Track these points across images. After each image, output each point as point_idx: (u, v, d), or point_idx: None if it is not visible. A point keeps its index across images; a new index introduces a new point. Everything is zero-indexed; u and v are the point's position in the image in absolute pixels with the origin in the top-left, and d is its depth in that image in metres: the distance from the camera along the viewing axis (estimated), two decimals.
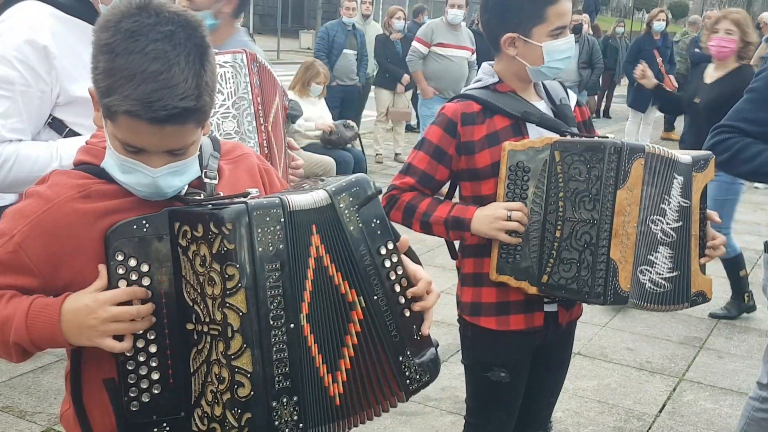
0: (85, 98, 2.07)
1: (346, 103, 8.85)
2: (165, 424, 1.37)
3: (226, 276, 1.28)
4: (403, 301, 1.48)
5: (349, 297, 1.42)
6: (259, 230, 1.29)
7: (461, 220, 2.11)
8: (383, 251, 1.45)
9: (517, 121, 2.14)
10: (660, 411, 3.83)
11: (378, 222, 1.45)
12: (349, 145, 7.27)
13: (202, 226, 1.30)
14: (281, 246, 1.31)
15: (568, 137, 2.10)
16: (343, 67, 8.84)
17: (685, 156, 2.16)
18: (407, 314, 1.48)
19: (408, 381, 1.46)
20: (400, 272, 1.48)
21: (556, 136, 2.09)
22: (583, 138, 2.11)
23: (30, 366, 3.89)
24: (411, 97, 10.22)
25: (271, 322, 1.30)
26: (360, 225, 1.43)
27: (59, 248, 1.37)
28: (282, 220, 1.31)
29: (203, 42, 1.32)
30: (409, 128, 11.08)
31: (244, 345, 1.29)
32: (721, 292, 5.55)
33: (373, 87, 9.53)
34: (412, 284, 1.49)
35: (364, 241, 1.43)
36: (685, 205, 2.14)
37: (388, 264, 1.46)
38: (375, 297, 1.44)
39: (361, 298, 1.42)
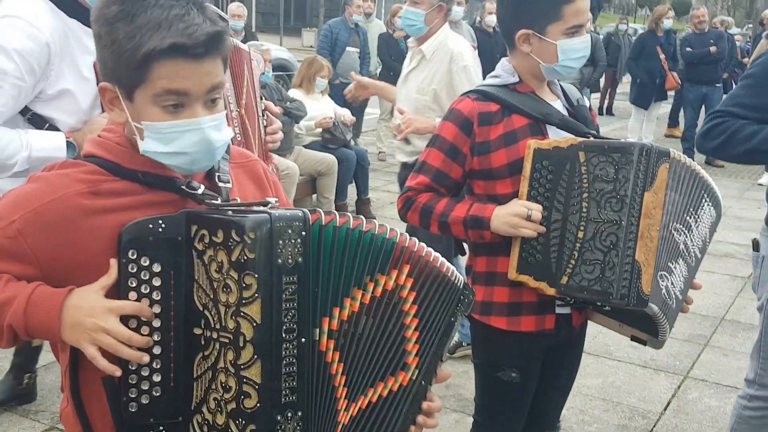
0: (67, 92, 2.10)
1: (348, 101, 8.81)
2: (162, 428, 1.35)
3: (243, 285, 1.26)
4: (424, 407, 1.53)
5: (410, 358, 1.46)
6: (280, 242, 1.27)
7: (480, 219, 2.08)
8: (443, 358, 1.55)
9: (536, 120, 2.11)
10: (665, 409, 3.82)
11: (449, 338, 1.55)
12: (352, 143, 7.23)
13: (222, 232, 1.28)
14: (300, 259, 1.29)
15: (592, 138, 2.09)
16: (346, 64, 8.81)
17: (718, 194, 2.18)
18: (418, 418, 1.52)
19: None
20: (432, 382, 1.54)
21: (577, 137, 2.08)
22: (610, 139, 2.09)
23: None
24: None
25: (284, 335, 1.28)
26: (455, 324, 1.54)
27: (61, 241, 1.34)
28: (303, 233, 1.30)
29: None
30: None
31: (255, 356, 1.26)
32: (726, 290, 5.55)
33: None
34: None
35: (447, 337, 1.53)
36: (707, 241, 2.14)
37: (437, 368, 1.53)
38: (423, 381, 1.49)
39: (417, 370, 1.47)
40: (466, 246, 2.33)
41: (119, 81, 1.35)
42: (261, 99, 2.58)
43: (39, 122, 2.14)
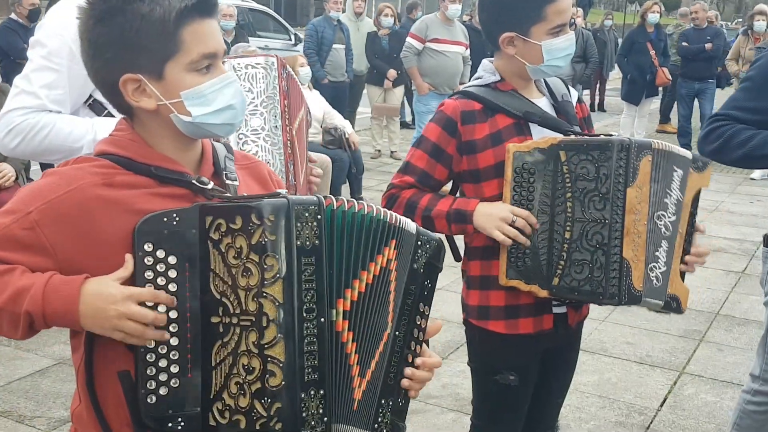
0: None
1: (336, 100, 8.80)
2: (180, 419, 1.37)
3: (265, 266, 1.30)
4: (410, 359, 1.54)
5: (389, 317, 1.49)
6: (298, 224, 1.32)
7: (463, 213, 2.08)
8: (421, 308, 1.54)
9: (519, 120, 2.11)
10: (661, 405, 3.83)
11: (430, 285, 1.56)
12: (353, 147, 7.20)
13: (241, 218, 1.32)
14: (317, 242, 1.34)
15: (573, 136, 2.08)
16: (335, 62, 8.82)
17: (686, 151, 2.14)
18: (407, 372, 1.53)
19: (376, 426, 1.49)
20: (420, 337, 1.55)
21: (559, 136, 2.07)
22: (589, 136, 2.08)
23: (29, 370, 3.88)
24: (405, 93, 10.22)
25: (304, 315, 1.32)
26: (421, 271, 1.53)
27: (78, 232, 1.35)
28: (319, 217, 1.35)
29: None
30: (405, 125, 11.06)
31: (279, 335, 1.30)
32: (720, 285, 5.57)
33: (366, 84, 9.53)
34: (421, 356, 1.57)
35: (417, 285, 1.53)
36: (680, 199, 2.13)
37: (418, 321, 1.54)
38: (397, 333, 1.51)
39: (391, 324, 1.50)
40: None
41: (143, 66, 1.37)
42: (307, 144, 2.73)
43: (99, 108, 2.20)
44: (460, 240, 2.27)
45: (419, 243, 1.54)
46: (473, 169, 2.12)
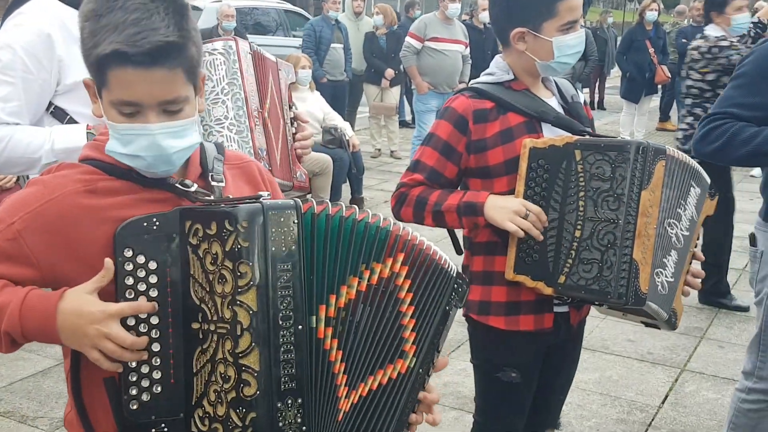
0: (80, 84, 2.18)
1: (335, 99, 8.80)
2: (163, 425, 1.36)
3: (239, 274, 1.28)
4: (420, 396, 1.54)
5: (407, 346, 1.47)
6: (273, 230, 1.30)
7: (474, 205, 2.07)
8: (440, 348, 1.55)
9: (531, 118, 2.11)
10: (663, 402, 3.83)
11: (445, 328, 1.55)
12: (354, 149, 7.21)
13: (215, 223, 1.31)
14: (294, 247, 1.31)
15: (588, 137, 2.09)
16: (334, 61, 8.83)
17: (705, 173, 2.18)
18: (414, 410, 1.53)
19: None
20: (431, 372, 1.55)
21: (574, 135, 2.08)
22: (606, 137, 2.09)
23: (30, 370, 3.88)
24: (404, 92, 10.22)
25: (280, 322, 1.30)
26: (450, 314, 1.55)
27: (61, 241, 1.35)
28: (296, 221, 1.32)
29: (182, 1, 1.35)
30: (405, 124, 11.06)
31: (253, 343, 1.28)
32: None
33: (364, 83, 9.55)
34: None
35: (443, 326, 1.53)
36: (695, 218, 2.15)
37: (435, 358, 1.54)
38: (421, 370, 1.49)
39: (415, 358, 1.48)
40: (462, 245, 2.33)
41: (90, 68, 1.37)
42: (290, 108, 2.64)
43: (61, 115, 2.21)
44: (459, 233, 2.27)
45: (455, 286, 1.54)
46: (482, 166, 2.12)
